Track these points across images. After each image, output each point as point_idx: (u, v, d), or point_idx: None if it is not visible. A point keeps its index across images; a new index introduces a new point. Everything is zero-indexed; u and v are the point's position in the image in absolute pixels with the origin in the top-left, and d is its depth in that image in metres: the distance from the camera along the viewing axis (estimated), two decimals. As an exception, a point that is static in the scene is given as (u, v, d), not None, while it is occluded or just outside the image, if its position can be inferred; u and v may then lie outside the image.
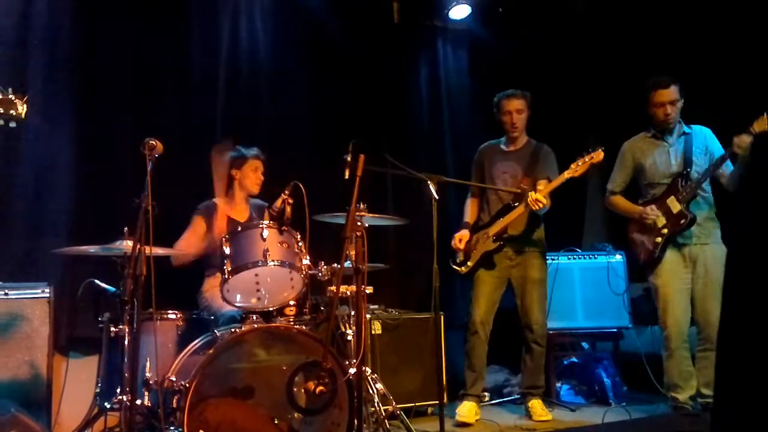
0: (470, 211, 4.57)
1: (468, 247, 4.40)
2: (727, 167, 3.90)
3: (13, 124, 2.78)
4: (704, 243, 3.96)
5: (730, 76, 4.61)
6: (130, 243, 2.98)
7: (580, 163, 4.07)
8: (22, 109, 2.76)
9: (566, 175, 4.10)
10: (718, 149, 4.00)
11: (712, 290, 3.89)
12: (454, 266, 4.42)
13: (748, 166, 3.72)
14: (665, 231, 3.98)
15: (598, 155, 4.06)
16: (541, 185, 4.19)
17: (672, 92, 4.00)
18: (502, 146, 4.55)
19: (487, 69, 5.73)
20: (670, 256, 3.99)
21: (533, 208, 4.14)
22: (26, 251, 3.95)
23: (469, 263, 4.38)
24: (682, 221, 3.92)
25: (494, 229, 4.33)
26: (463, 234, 4.43)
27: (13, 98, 2.76)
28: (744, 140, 3.70)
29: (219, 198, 4.08)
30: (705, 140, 4.06)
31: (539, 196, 4.09)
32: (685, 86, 4.06)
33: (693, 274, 3.96)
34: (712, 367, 3.85)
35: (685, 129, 4.11)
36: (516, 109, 4.41)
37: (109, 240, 3.24)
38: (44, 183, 4.08)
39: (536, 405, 4.31)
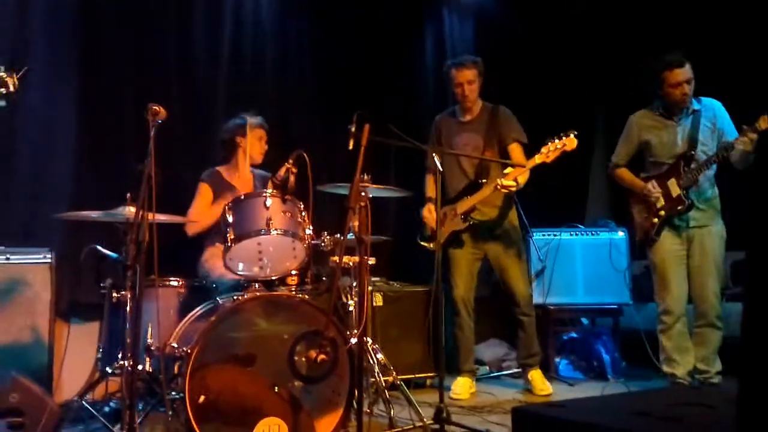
0: (430, 186, 4.42)
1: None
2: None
3: (2, 103, 2.71)
4: (703, 225, 3.92)
5: (739, 50, 4.56)
6: (132, 209, 2.97)
7: (551, 148, 3.80)
8: (13, 87, 2.69)
9: (537, 159, 3.85)
10: (727, 125, 3.93)
11: (708, 266, 3.89)
12: (422, 242, 4.32)
13: (753, 166, 3.67)
14: (662, 213, 3.96)
15: (571, 143, 3.77)
16: (509, 170, 3.97)
17: (687, 71, 3.87)
18: (459, 117, 4.41)
19: (492, 39, 5.67)
20: (667, 234, 3.97)
21: (504, 192, 4.01)
22: (28, 216, 3.94)
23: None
24: (680, 207, 3.89)
25: (462, 207, 4.21)
26: (430, 207, 4.29)
27: (5, 76, 2.68)
28: (749, 137, 3.59)
29: (221, 166, 4.06)
30: (714, 116, 3.97)
31: (508, 182, 3.92)
32: (692, 60, 3.95)
33: (689, 251, 3.95)
34: (708, 343, 3.89)
35: (695, 105, 3.99)
36: (467, 80, 4.26)
37: (112, 206, 3.23)
38: (47, 148, 4.05)
39: (537, 377, 4.30)
